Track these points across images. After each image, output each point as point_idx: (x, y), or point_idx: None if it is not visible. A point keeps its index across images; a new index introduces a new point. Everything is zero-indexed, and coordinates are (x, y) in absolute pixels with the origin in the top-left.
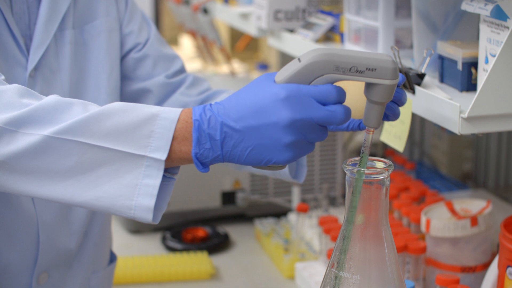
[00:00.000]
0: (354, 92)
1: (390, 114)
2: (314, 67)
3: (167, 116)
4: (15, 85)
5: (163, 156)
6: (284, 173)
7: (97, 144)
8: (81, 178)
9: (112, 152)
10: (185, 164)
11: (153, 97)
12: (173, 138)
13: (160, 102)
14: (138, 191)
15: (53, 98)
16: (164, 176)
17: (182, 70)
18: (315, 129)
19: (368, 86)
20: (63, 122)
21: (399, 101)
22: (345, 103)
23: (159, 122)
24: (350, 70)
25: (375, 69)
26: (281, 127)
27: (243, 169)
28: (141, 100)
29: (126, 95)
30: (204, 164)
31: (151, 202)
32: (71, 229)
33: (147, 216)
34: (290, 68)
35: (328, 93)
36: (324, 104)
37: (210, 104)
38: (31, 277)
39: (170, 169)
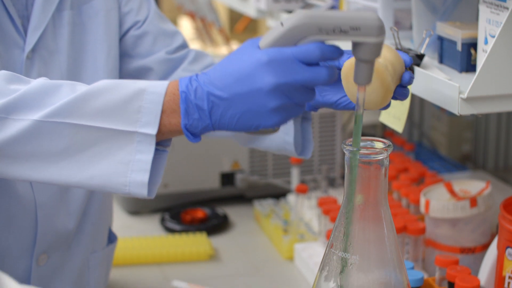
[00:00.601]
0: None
1: (400, 97)
2: (296, 30)
3: (154, 90)
4: (1, 72)
5: (153, 130)
6: (290, 150)
7: (87, 124)
8: (74, 159)
9: (102, 131)
10: (176, 136)
11: (154, 74)
12: (162, 112)
13: (162, 79)
14: (131, 167)
15: (40, 81)
16: (156, 149)
17: (183, 45)
18: (300, 91)
19: (355, 45)
20: (52, 105)
21: (406, 84)
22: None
23: (147, 97)
24: (334, 31)
25: (359, 27)
26: (265, 93)
27: (245, 145)
28: (142, 78)
29: (126, 74)
30: (194, 135)
31: (145, 177)
32: (69, 209)
33: (142, 192)
34: (274, 33)
35: (311, 52)
36: (308, 64)
37: (196, 75)
38: (30, 259)
39: (162, 141)
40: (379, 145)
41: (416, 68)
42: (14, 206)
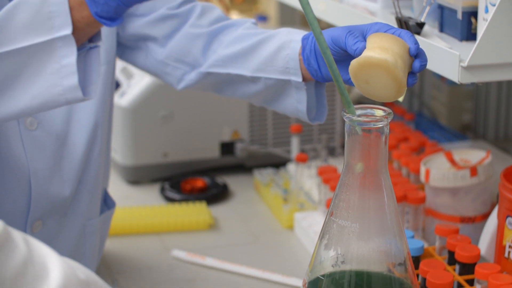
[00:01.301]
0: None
1: (411, 83)
2: None
3: None
4: None
5: (68, 30)
6: (303, 117)
7: (10, 49)
8: (11, 88)
9: (26, 50)
10: (96, 27)
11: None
12: (71, 9)
13: (169, 37)
14: (60, 74)
15: None
16: (88, 48)
17: (188, 0)
18: None
19: None
20: None
21: (417, 72)
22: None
23: (52, 1)
24: None
25: None
26: None
27: (260, 104)
28: (147, 38)
29: (131, 35)
30: (111, 19)
31: (74, 80)
32: (64, 176)
33: (77, 95)
34: None
35: None
36: None
37: None
38: (24, 226)
39: (91, 38)
40: (379, 112)
41: (417, 37)
42: (7, 171)
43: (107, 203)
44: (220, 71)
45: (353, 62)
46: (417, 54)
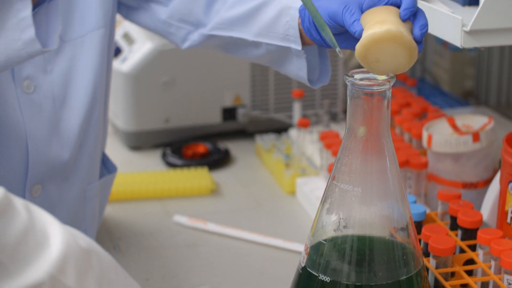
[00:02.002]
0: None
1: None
2: None
3: None
4: None
5: None
6: (305, 82)
7: None
8: None
9: None
10: None
11: None
12: None
13: None
14: (19, 29)
15: None
16: (49, 0)
17: None
18: None
19: None
20: None
21: (419, 39)
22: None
23: None
24: None
25: None
26: None
27: (267, 64)
28: None
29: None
30: None
31: (31, 32)
32: (63, 140)
33: (36, 47)
34: None
35: None
36: None
37: None
38: (23, 190)
39: None
40: (381, 76)
41: (419, 1)
42: (3, 136)
43: (107, 167)
44: (222, 34)
45: (358, 47)
46: (415, 18)
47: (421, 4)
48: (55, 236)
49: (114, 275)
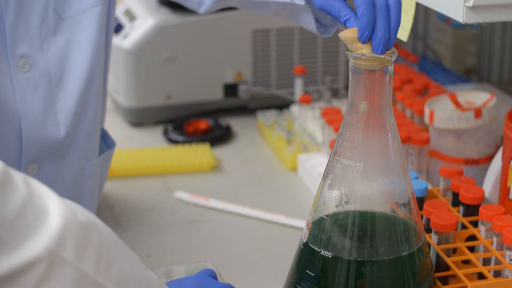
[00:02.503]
0: None
1: None
2: None
3: None
4: None
5: None
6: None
7: None
8: None
9: None
10: None
11: None
12: None
13: None
14: None
15: None
16: None
17: None
18: None
19: None
20: None
21: None
22: None
23: None
24: None
25: None
26: None
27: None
28: None
29: None
30: None
31: None
32: (58, 119)
33: None
34: None
35: None
36: None
37: None
38: (18, 169)
39: None
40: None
41: None
42: None
43: (107, 143)
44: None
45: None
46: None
47: None
48: (54, 211)
49: (114, 249)
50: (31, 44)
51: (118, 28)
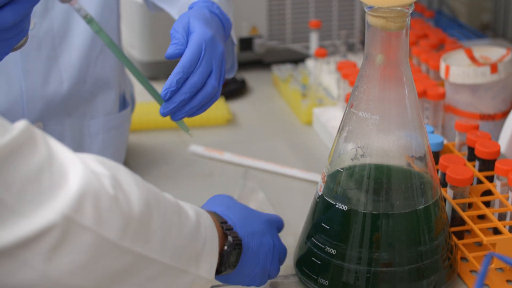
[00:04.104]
0: None
1: None
2: None
3: None
4: None
5: None
6: None
7: None
8: None
9: None
10: None
11: None
12: None
13: None
14: None
15: None
16: None
17: None
18: None
19: None
20: None
21: None
22: None
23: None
24: None
25: None
26: None
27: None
28: None
29: None
30: None
31: None
32: (61, 76)
33: None
34: None
35: None
36: None
37: None
38: None
39: None
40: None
41: None
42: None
43: (124, 102)
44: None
45: None
46: None
47: None
48: (74, 175)
49: (146, 208)
50: None
51: None
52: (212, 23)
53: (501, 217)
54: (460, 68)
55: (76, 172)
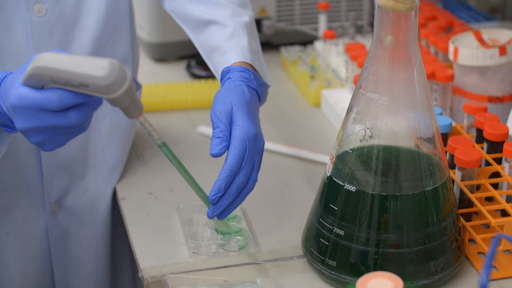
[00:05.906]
0: None
1: None
2: (35, 78)
3: None
4: None
5: None
6: None
7: None
8: None
9: None
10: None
11: None
12: None
13: None
14: None
15: None
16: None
17: None
18: (57, 130)
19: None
20: None
21: None
22: None
23: None
24: (66, 84)
25: (87, 85)
26: (22, 131)
27: None
28: None
29: None
30: (7, 127)
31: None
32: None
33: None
34: (26, 68)
35: (49, 101)
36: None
37: None
38: None
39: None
40: None
41: None
42: (8, 63)
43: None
44: (177, 20)
45: None
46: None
47: None
48: None
49: None
50: None
51: None
52: (251, 106)
53: (509, 199)
54: (468, 50)
55: None
